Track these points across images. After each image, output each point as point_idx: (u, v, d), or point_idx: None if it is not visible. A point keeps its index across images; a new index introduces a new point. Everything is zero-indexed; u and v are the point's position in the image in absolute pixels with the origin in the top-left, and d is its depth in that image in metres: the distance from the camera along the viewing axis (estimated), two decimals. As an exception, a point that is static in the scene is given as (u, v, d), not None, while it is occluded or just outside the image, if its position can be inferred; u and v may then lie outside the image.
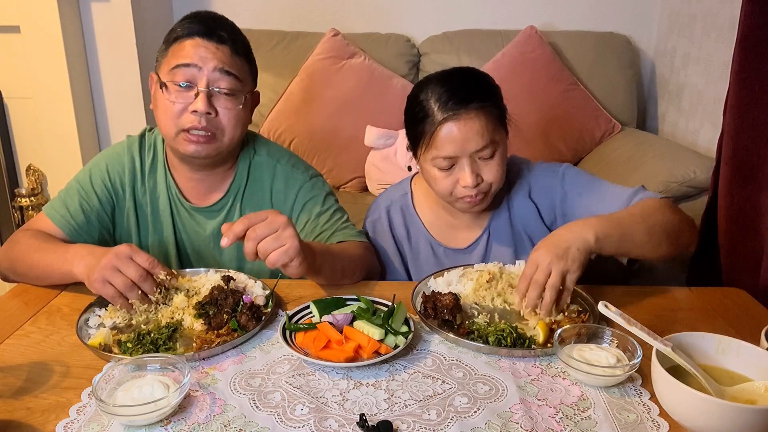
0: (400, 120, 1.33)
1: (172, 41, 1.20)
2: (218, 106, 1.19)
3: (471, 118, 1.19)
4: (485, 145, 1.20)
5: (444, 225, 1.38)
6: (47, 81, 2.38)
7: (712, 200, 1.57)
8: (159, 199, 1.32)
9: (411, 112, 1.27)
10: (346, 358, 0.93)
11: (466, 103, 1.19)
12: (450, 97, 1.19)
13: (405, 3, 2.76)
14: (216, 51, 1.18)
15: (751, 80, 1.39)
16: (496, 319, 1.08)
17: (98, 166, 1.31)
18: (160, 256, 1.32)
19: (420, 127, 1.23)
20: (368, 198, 2.43)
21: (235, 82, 1.20)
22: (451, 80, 1.24)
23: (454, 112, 1.18)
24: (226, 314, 1.05)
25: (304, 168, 1.37)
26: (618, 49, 2.61)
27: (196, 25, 1.19)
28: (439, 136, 1.20)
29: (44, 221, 1.27)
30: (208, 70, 1.17)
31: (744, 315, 1.12)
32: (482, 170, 1.22)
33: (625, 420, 0.84)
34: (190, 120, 1.18)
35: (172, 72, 1.18)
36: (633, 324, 0.88)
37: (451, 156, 1.20)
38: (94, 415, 0.85)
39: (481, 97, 1.21)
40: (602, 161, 2.38)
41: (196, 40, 1.18)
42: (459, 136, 1.19)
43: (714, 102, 2.23)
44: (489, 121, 1.20)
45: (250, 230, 0.99)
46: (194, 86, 1.17)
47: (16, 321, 1.09)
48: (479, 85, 1.25)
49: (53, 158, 2.48)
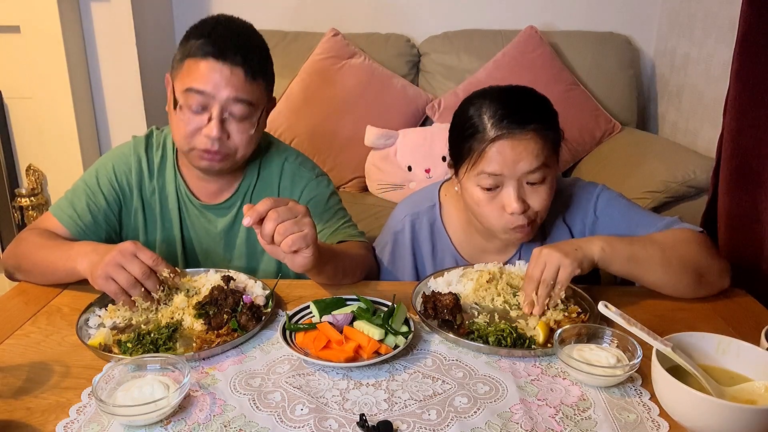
0: (400, 120, 1.33)
1: (187, 55, 1.17)
2: (231, 130, 1.19)
3: (527, 139, 1.11)
4: (537, 168, 1.12)
5: (476, 247, 1.31)
6: (47, 81, 2.38)
7: (712, 200, 1.57)
8: (168, 197, 1.33)
9: (458, 127, 1.19)
10: (346, 358, 0.93)
11: (524, 123, 1.11)
12: (506, 116, 1.11)
13: (405, 3, 2.76)
14: (230, 76, 1.15)
15: (751, 80, 1.39)
16: (496, 319, 1.08)
17: (105, 167, 1.32)
18: (166, 254, 1.33)
19: (467, 144, 1.15)
20: (368, 198, 2.43)
21: (249, 108, 1.19)
22: (508, 98, 1.16)
23: (509, 131, 1.10)
24: (226, 314, 1.05)
25: (311, 166, 1.38)
26: (618, 49, 2.61)
27: (211, 45, 1.15)
28: (488, 154, 1.12)
29: (51, 221, 1.28)
30: (221, 98, 1.15)
31: (744, 315, 1.12)
32: (529, 197, 1.14)
33: (625, 420, 0.84)
34: (203, 142, 1.18)
35: (185, 94, 1.17)
36: (633, 324, 0.88)
37: (498, 174, 1.12)
38: (94, 415, 0.85)
39: (541, 119, 1.14)
40: (602, 161, 2.38)
41: (210, 63, 1.15)
42: (511, 155, 1.11)
43: (714, 102, 2.23)
44: (545, 146, 1.13)
45: (271, 211, 0.99)
46: (207, 111, 1.17)
47: (16, 321, 1.09)
48: (539, 108, 1.16)
49: (53, 158, 2.48)
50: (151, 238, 1.34)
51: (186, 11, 2.80)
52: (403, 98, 2.53)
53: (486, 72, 2.50)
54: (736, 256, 1.47)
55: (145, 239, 1.34)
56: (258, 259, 1.35)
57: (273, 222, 0.99)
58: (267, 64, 1.25)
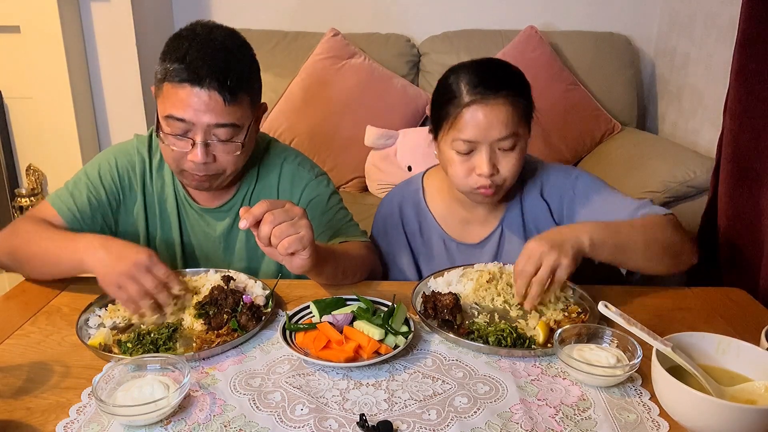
0: (400, 120, 1.34)
1: (164, 78, 1.13)
2: (217, 152, 1.17)
3: (498, 105, 1.17)
4: (507, 135, 1.18)
5: (457, 220, 1.38)
6: (47, 81, 2.38)
7: (712, 200, 1.57)
8: (167, 200, 1.32)
9: (438, 93, 1.26)
10: (346, 358, 0.93)
11: (496, 89, 1.18)
12: (480, 82, 1.18)
13: (405, 3, 2.76)
14: (209, 102, 1.11)
15: (751, 80, 1.39)
16: (496, 319, 1.08)
17: (107, 161, 1.30)
18: (166, 256, 1.33)
19: (445, 109, 1.22)
20: (368, 198, 2.43)
21: (232, 130, 1.16)
22: (484, 67, 1.24)
23: (482, 96, 1.17)
24: (226, 314, 1.05)
25: (310, 166, 1.37)
26: (618, 49, 2.61)
27: (185, 71, 1.10)
28: (463, 119, 1.19)
29: (48, 211, 1.25)
30: (202, 124, 1.12)
31: (744, 315, 1.12)
32: (499, 162, 1.21)
33: (625, 420, 0.84)
34: (190, 166, 1.17)
35: (166, 120, 1.14)
36: (633, 324, 0.88)
37: (472, 140, 1.19)
38: (94, 415, 0.85)
39: (512, 87, 1.20)
40: (602, 161, 2.38)
41: (187, 89, 1.10)
42: (483, 121, 1.17)
43: (714, 102, 2.23)
44: (516, 113, 1.19)
45: (267, 214, 0.99)
46: (190, 136, 1.14)
47: (16, 321, 1.09)
48: (512, 76, 1.24)
49: (53, 158, 2.48)
50: (152, 238, 1.34)
51: (186, 11, 2.80)
52: (403, 98, 2.53)
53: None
54: (736, 256, 1.47)
55: (146, 238, 1.33)
56: (258, 261, 1.35)
57: (269, 225, 0.99)
58: (250, 77, 1.19)
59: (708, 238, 1.57)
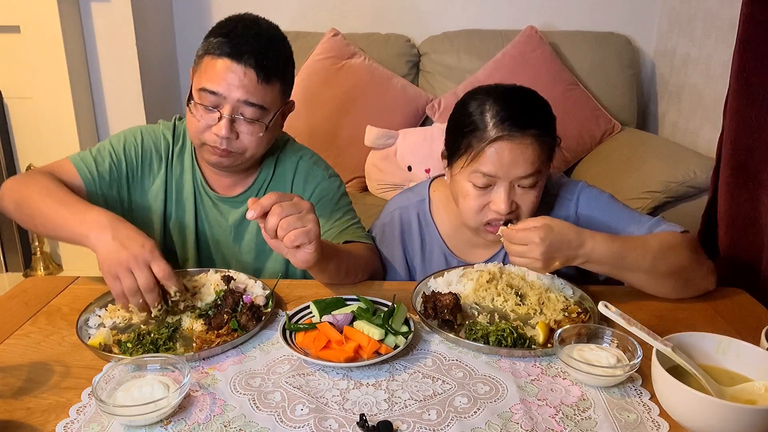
0: (400, 120, 1.33)
1: (206, 51, 1.19)
2: (240, 131, 1.20)
3: (526, 143, 1.12)
4: (531, 174, 1.13)
5: (463, 240, 1.33)
6: (47, 81, 2.38)
7: (712, 200, 1.57)
8: (185, 186, 1.34)
9: (458, 121, 1.19)
10: (346, 358, 0.93)
11: (525, 127, 1.12)
12: (509, 117, 1.12)
13: (405, 3, 2.76)
14: (243, 78, 1.16)
15: (751, 80, 1.39)
16: (496, 319, 1.08)
17: (134, 135, 1.33)
18: (179, 241, 1.35)
19: (466, 140, 1.15)
20: (368, 198, 2.43)
21: (259, 112, 1.20)
22: (512, 99, 1.16)
23: (510, 133, 1.11)
24: (226, 314, 1.05)
25: (324, 167, 1.40)
26: (618, 49, 2.61)
27: (228, 45, 1.17)
28: (486, 153, 1.13)
29: (67, 168, 1.25)
30: (232, 99, 1.17)
31: (744, 315, 1.12)
32: (518, 199, 1.16)
33: (625, 420, 0.84)
34: (212, 139, 1.20)
35: (199, 92, 1.19)
36: (633, 324, 0.88)
37: (492, 175, 1.13)
38: (94, 415, 0.85)
39: (541, 125, 1.14)
40: (602, 161, 2.38)
41: (225, 62, 1.16)
42: (508, 158, 1.12)
43: (714, 102, 2.23)
44: (542, 152, 1.14)
45: (275, 206, 1.00)
46: (218, 109, 1.18)
47: (16, 321, 1.09)
48: (541, 113, 1.17)
49: (53, 158, 2.42)
50: (168, 221, 1.35)
51: (186, 11, 2.79)
52: (403, 98, 2.53)
53: (486, 72, 2.50)
54: (736, 256, 1.47)
55: (161, 220, 1.34)
56: (266, 255, 1.36)
57: (276, 216, 0.99)
58: (285, 66, 1.25)
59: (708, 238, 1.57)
